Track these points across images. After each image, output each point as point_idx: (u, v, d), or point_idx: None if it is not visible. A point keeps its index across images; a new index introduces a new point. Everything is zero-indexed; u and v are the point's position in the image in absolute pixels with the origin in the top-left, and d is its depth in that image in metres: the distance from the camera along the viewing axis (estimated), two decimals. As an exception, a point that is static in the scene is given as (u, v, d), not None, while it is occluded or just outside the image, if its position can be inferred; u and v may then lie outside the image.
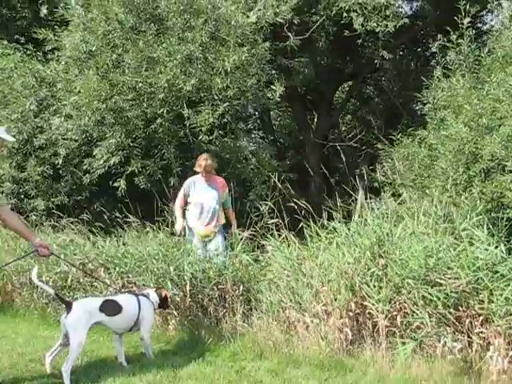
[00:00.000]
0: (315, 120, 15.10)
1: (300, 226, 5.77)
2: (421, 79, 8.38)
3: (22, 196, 8.75)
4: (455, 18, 7.35)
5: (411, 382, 4.40)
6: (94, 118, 7.83)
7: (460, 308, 4.47)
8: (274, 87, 7.82)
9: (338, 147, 13.44)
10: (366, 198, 5.87)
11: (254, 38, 7.85)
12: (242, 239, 5.93)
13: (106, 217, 7.73)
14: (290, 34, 9.51)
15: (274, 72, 8.41)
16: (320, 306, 4.99)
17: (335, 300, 4.94)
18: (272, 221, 5.68)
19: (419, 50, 14.24)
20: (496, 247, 4.60)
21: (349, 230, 5.22)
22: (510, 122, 6.37)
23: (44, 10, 13.11)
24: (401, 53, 13.61)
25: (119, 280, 5.81)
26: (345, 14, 9.24)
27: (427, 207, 5.47)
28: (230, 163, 8.25)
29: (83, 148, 8.57)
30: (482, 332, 4.39)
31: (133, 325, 4.92)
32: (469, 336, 4.45)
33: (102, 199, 8.89)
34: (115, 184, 7.98)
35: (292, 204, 6.00)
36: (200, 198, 6.42)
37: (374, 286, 4.77)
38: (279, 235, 5.67)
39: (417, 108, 12.63)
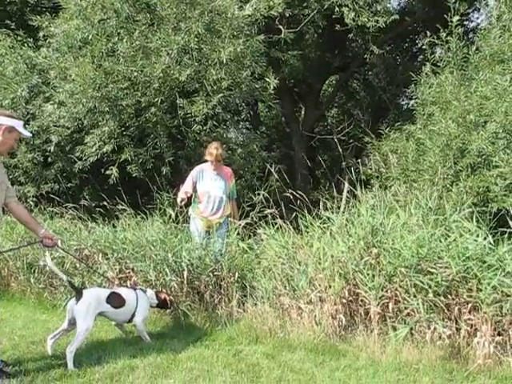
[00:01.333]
0: (302, 113, 15.24)
1: (293, 215, 5.94)
2: (408, 75, 8.52)
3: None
4: (443, 15, 7.54)
5: (402, 366, 4.58)
6: (88, 106, 7.87)
7: (449, 296, 4.67)
8: (268, 79, 7.92)
9: (325, 140, 13.73)
10: (353, 191, 6.03)
11: (249, 30, 7.95)
12: (236, 228, 6.04)
13: (94, 204, 7.79)
14: (281, 26, 9.64)
15: (264, 64, 8.49)
16: (314, 293, 5.14)
17: (329, 287, 5.09)
18: (268, 210, 5.79)
19: (406, 45, 14.46)
20: (484, 238, 4.82)
21: (346, 220, 5.35)
22: (496, 119, 6.59)
23: (32, -5, 13.03)
24: (387, 48, 13.83)
25: (117, 266, 5.89)
26: (336, 9, 9.37)
27: (418, 200, 5.65)
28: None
29: (75, 135, 8.61)
30: (469, 319, 4.59)
31: (130, 317, 5.07)
32: (457, 322, 4.66)
33: (92, 187, 8.96)
34: (107, 172, 8.04)
35: (283, 194, 6.16)
36: (207, 187, 6.42)
37: (368, 274, 4.93)
38: (273, 224, 5.81)
39: (403, 103, 12.87)
